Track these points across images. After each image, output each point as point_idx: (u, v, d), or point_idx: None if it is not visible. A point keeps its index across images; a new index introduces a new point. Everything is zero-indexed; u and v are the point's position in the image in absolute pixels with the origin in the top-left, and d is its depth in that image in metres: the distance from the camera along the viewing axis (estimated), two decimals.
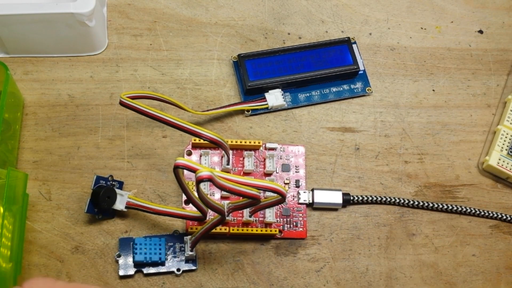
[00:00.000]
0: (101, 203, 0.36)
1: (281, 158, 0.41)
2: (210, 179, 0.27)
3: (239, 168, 0.40)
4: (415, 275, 0.40)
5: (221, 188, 0.29)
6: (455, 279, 0.40)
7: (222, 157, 0.40)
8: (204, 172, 0.27)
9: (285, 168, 0.40)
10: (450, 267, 0.40)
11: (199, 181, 0.28)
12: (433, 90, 0.45)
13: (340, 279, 0.39)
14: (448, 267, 0.40)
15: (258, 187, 0.30)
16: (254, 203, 0.33)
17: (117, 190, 0.37)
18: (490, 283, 0.40)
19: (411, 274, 0.40)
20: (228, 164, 0.39)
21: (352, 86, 0.44)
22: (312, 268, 0.39)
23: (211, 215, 0.36)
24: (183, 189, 0.31)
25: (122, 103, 0.36)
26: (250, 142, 0.39)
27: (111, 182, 0.38)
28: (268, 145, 0.40)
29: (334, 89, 0.44)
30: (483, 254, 0.41)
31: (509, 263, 0.41)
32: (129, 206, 0.37)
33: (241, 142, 0.39)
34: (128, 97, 0.36)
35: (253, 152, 0.40)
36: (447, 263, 0.40)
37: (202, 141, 0.39)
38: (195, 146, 0.40)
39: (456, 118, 0.45)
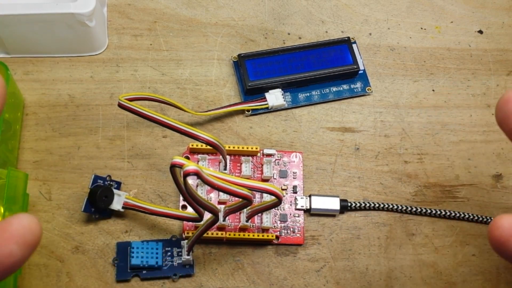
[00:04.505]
0: (98, 202, 0.36)
1: (278, 164, 0.41)
2: (197, 173, 0.27)
3: (237, 174, 0.40)
4: (415, 275, 0.40)
5: (209, 184, 0.28)
6: (455, 279, 0.40)
7: (219, 162, 0.39)
8: (190, 166, 0.27)
9: (283, 174, 0.40)
10: (450, 267, 0.40)
11: (185, 175, 0.27)
12: (433, 90, 0.45)
13: (340, 278, 0.39)
14: (448, 267, 0.40)
15: (250, 188, 0.30)
16: (246, 204, 0.33)
17: (115, 190, 0.37)
18: (490, 283, 0.40)
19: (411, 274, 0.40)
20: (225, 169, 0.39)
21: (352, 86, 0.44)
22: (312, 268, 0.39)
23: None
24: (179, 188, 0.31)
25: (120, 105, 0.36)
26: (248, 148, 0.39)
27: (109, 182, 0.38)
28: (266, 151, 0.40)
29: (334, 89, 0.44)
30: (483, 254, 0.41)
31: (509, 263, 0.41)
32: (126, 206, 0.37)
33: (238, 148, 0.39)
34: (126, 99, 0.36)
35: (250, 158, 0.40)
36: (447, 263, 0.40)
37: (199, 146, 0.39)
38: (193, 152, 0.40)
39: (456, 118, 0.45)
